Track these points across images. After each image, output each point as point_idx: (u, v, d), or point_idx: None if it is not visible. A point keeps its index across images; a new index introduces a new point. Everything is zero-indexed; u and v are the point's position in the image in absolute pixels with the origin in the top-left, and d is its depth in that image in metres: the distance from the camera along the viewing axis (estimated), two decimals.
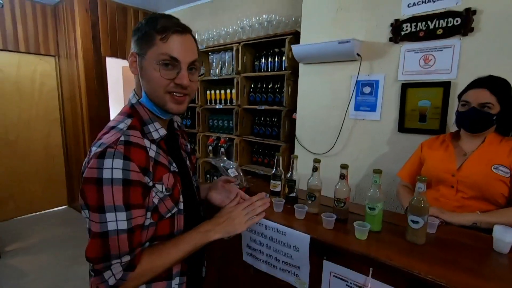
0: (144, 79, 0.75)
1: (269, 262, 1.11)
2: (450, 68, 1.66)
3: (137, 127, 0.74)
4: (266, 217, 1.13)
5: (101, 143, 0.68)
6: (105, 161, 0.64)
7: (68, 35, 3.37)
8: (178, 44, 0.72)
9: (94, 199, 0.64)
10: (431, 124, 1.75)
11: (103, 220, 0.64)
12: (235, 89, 2.82)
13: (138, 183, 0.67)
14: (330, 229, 1.05)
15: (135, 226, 0.67)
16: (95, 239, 0.65)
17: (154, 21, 0.72)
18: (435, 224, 1.04)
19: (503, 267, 0.86)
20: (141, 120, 0.76)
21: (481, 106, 1.16)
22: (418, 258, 0.87)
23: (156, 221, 0.74)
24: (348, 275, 0.91)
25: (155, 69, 0.71)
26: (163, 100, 0.74)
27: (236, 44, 2.74)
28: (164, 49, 0.71)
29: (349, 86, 2.06)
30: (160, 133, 0.78)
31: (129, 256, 0.67)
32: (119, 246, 0.65)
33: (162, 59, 0.71)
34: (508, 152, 1.16)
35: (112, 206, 0.64)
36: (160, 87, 0.73)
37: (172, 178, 0.77)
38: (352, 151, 2.09)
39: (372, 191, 1.02)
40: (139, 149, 0.70)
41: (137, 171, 0.67)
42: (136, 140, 0.70)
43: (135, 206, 0.67)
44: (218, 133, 3.09)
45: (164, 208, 0.75)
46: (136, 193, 0.67)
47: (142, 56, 0.73)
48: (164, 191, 0.74)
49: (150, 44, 0.71)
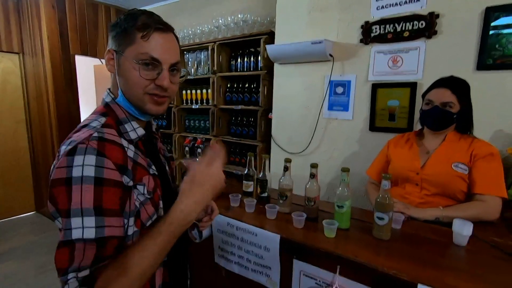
0: (122, 78, 0.69)
1: (241, 263, 1.10)
2: (416, 69, 1.73)
3: (113, 126, 0.68)
4: (238, 218, 1.13)
5: (71, 141, 0.61)
6: (75, 158, 0.57)
7: (33, 32, 3.18)
8: (159, 44, 0.68)
9: (64, 202, 0.56)
10: (400, 123, 1.82)
11: (68, 226, 0.55)
12: (211, 89, 2.79)
13: (113, 183, 0.59)
14: (300, 228, 1.06)
15: (107, 237, 0.57)
16: (60, 248, 0.56)
17: (134, 17, 0.68)
18: (400, 220, 1.08)
19: (460, 258, 0.90)
20: (116, 119, 0.70)
21: (443, 105, 1.22)
22: (384, 254, 0.90)
23: (140, 229, 0.66)
24: (317, 273, 0.92)
25: (134, 68, 0.67)
26: (142, 101, 0.70)
27: (211, 44, 2.71)
28: (145, 48, 0.66)
29: (322, 86, 2.09)
30: (138, 133, 0.72)
31: (89, 270, 0.56)
32: (83, 258, 0.56)
33: (142, 59, 0.66)
34: (466, 149, 1.23)
35: (79, 209, 0.56)
36: (139, 87, 0.68)
37: (152, 181, 0.70)
38: (326, 150, 2.12)
39: (340, 189, 1.04)
40: (115, 146, 0.63)
41: (112, 168, 0.60)
42: (111, 138, 0.64)
43: (109, 212, 0.58)
44: (195, 133, 3.05)
45: (145, 214, 0.68)
46: (110, 195, 0.59)
47: (120, 54, 0.68)
48: (145, 193, 0.67)
49: (129, 41, 0.67)
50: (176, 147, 3.16)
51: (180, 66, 0.74)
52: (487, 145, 1.24)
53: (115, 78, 0.72)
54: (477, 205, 1.15)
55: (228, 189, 1.45)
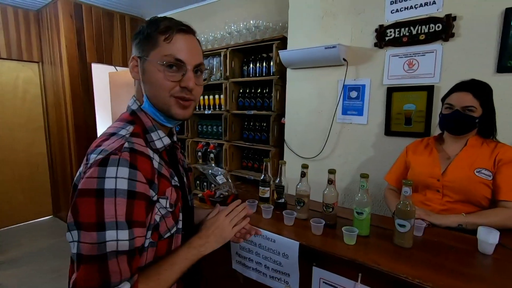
0: (147, 83, 0.69)
1: (259, 270, 1.09)
2: (433, 72, 1.70)
3: (140, 135, 0.67)
4: (255, 224, 1.13)
5: (102, 149, 0.60)
6: (108, 169, 0.56)
7: (52, 41, 3.30)
8: (182, 45, 0.68)
9: (92, 214, 0.54)
10: (416, 127, 1.79)
11: (101, 239, 0.54)
12: (223, 95, 2.81)
13: (143, 196, 0.60)
14: (319, 234, 1.05)
15: (136, 248, 0.59)
16: (89, 264, 0.54)
17: (155, 23, 0.69)
18: (422, 227, 1.05)
19: (487, 268, 0.87)
20: (143, 127, 0.70)
21: (464, 109, 1.18)
22: (406, 262, 0.88)
23: (156, 241, 0.67)
24: (338, 281, 0.91)
25: (159, 70, 0.67)
26: (167, 105, 0.69)
27: (224, 50, 2.74)
28: (169, 50, 0.66)
29: (336, 91, 2.08)
30: (164, 142, 0.72)
31: (129, 283, 0.57)
32: (120, 272, 0.55)
33: (166, 61, 0.66)
34: (489, 155, 1.19)
35: (114, 222, 0.55)
36: (164, 90, 0.68)
37: (174, 192, 0.71)
38: (340, 154, 2.10)
39: (359, 195, 1.03)
40: (145, 158, 0.63)
41: (143, 182, 0.60)
42: (140, 149, 0.64)
43: (138, 223, 0.59)
44: (207, 138, 3.07)
45: (165, 226, 0.68)
46: (140, 208, 0.59)
47: (144, 59, 0.68)
48: (167, 206, 0.68)
49: (152, 45, 0.67)
50: (189, 152, 3.19)
51: (203, 67, 0.74)
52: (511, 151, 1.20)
53: (139, 85, 0.72)
54: (501, 212, 1.11)
55: (244, 194, 1.45)
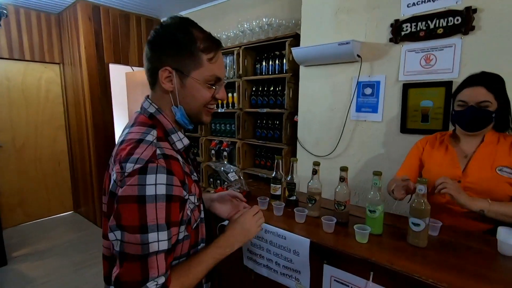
0: (186, 97, 0.73)
1: (270, 267, 1.10)
2: (452, 67, 1.64)
3: (163, 138, 0.71)
4: (266, 220, 1.13)
5: (137, 158, 0.63)
6: (148, 177, 0.61)
7: (72, 43, 3.42)
8: (222, 64, 0.75)
9: (135, 218, 0.60)
10: (434, 124, 1.73)
11: (145, 241, 0.60)
12: (236, 93, 2.83)
13: (178, 198, 0.65)
14: (331, 232, 1.04)
15: (173, 246, 0.66)
16: (133, 263, 0.60)
17: (190, 34, 0.70)
18: (438, 227, 1.02)
19: (508, 270, 0.84)
20: (164, 130, 0.74)
21: (479, 104, 1.12)
22: (420, 262, 0.86)
23: (190, 233, 0.73)
24: (349, 279, 0.90)
25: (203, 87, 0.73)
26: (200, 113, 0.75)
27: (237, 48, 2.75)
28: (212, 71, 0.72)
29: (350, 88, 2.05)
30: (184, 143, 0.76)
31: (164, 277, 0.63)
32: (158, 268, 0.62)
33: (209, 80, 0.73)
34: (508, 151, 1.13)
35: (156, 225, 0.61)
36: (202, 103, 0.74)
37: (197, 187, 0.76)
38: (354, 152, 2.07)
39: (372, 193, 1.01)
40: (176, 162, 0.67)
41: (178, 185, 0.65)
42: (170, 153, 0.68)
43: (174, 223, 0.65)
44: (221, 136, 3.10)
45: (194, 219, 0.74)
46: (176, 209, 0.65)
47: (184, 74, 0.71)
48: (195, 202, 0.74)
49: (196, 64, 0.70)
50: (203, 150, 3.23)
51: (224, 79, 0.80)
52: None
53: (166, 94, 0.73)
54: None
55: (256, 192, 1.46)
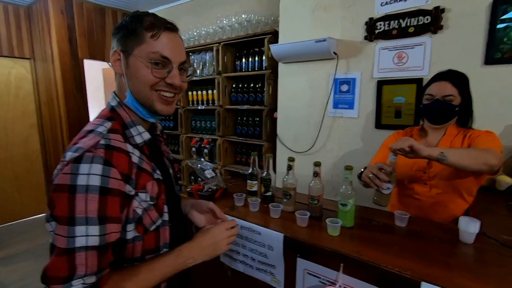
0: (131, 78, 0.70)
1: (246, 262, 1.11)
2: (422, 65, 1.71)
3: (119, 131, 0.68)
4: (242, 217, 1.14)
5: (77, 147, 0.61)
6: (81, 166, 0.58)
7: (43, 38, 3.27)
8: (169, 43, 0.69)
9: (64, 209, 0.57)
10: (406, 120, 1.79)
11: (71, 234, 0.57)
12: (216, 90, 2.81)
13: (117, 193, 0.61)
14: (305, 226, 1.06)
15: (108, 243, 0.61)
16: (59, 257, 0.57)
17: (140, 18, 0.69)
18: (406, 218, 1.06)
19: (467, 257, 0.89)
20: (122, 123, 0.71)
21: (444, 97, 1.19)
22: (388, 252, 0.89)
23: (142, 234, 0.69)
24: (321, 272, 0.92)
25: (147, 66, 0.68)
26: (151, 100, 0.70)
27: (216, 44, 2.73)
28: (155, 47, 0.67)
29: (327, 84, 2.08)
30: (143, 137, 0.72)
31: (95, 277, 0.59)
32: (86, 265, 0.57)
33: (152, 58, 0.67)
34: (461, 142, 1.21)
35: (84, 218, 0.57)
36: (148, 85, 0.69)
37: (156, 186, 0.72)
38: (332, 148, 2.11)
39: (343, 187, 1.04)
40: (122, 154, 0.64)
41: (118, 178, 0.61)
42: (117, 144, 0.65)
43: (111, 219, 0.61)
44: (201, 134, 3.07)
45: (149, 219, 0.69)
46: (114, 204, 0.61)
47: (128, 53, 0.68)
48: (148, 200, 0.69)
49: (138, 41, 0.68)
50: (183, 147, 3.20)
51: (187, 65, 0.76)
52: (481, 130, 1.23)
53: (121, 80, 0.72)
54: (480, 148, 1.10)
55: (233, 188, 1.46)
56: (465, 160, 1.04)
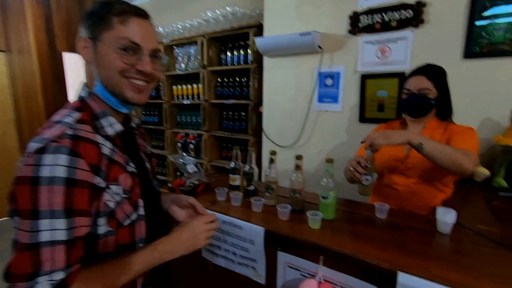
0: (100, 66, 0.67)
1: (227, 257, 1.09)
2: (405, 59, 1.72)
3: (88, 122, 0.65)
4: (224, 211, 1.12)
5: (41, 138, 0.58)
6: (45, 157, 0.55)
7: (19, 29, 3.12)
8: (139, 29, 0.67)
9: (27, 202, 0.54)
10: (388, 113, 1.81)
11: (35, 228, 0.54)
12: (201, 84, 2.76)
13: (85, 184, 0.58)
14: (286, 220, 1.05)
15: (76, 238, 0.57)
16: (23, 252, 0.54)
17: (110, 4, 0.66)
18: (386, 210, 1.07)
19: (444, 247, 0.90)
20: (92, 114, 0.67)
21: (420, 91, 1.24)
22: (368, 243, 0.89)
23: (115, 229, 0.66)
24: (301, 265, 0.92)
25: (115, 52, 0.65)
26: (121, 87, 0.68)
27: (200, 37, 2.68)
28: (124, 33, 0.65)
29: (312, 78, 2.08)
30: (115, 129, 0.69)
31: (63, 273, 0.56)
32: (52, 261, 0.54)
33: (121, 43, 0.65)
34: (442, 134, 1.25)
35: (49, 211, 0.54)
36: (117, 71, 0.66)
37: (129, 179, 0.69)
38: (317, 142, 2.12)
39: (324, 180, 1.04)
40: (90, 144, 0.61)
41: (86, 169, 0.58)
42: (86, 135, 0.61)
43: (79, 212, 0.58)
44: (187, 129, 3.03)
45: (122, 213, 0.66)
46: (82, 196, 0.58)
47: (96, 40, 0.66)
48: (121, 193, 0.66)
49: (106, 27, 0.65)
50: (168, 143, 3.14)
51: (160, 54, 0.73)
52: (462, 125, 1.27)
53: (90, 68, 0.70)
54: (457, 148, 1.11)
55: (216, 183, 1.44)
56: (441, 156, 1.06)
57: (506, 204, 1.27)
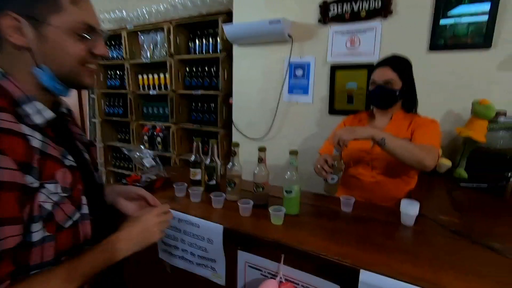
0: (48, 53, 0.58)
1: (185, 258, 1.01)
2: (373, 50, 1.70)
3: (7, 109, 0.53)
4: (182, 208, 1.04)
5: None
6: None
7: None
8: (90, 8, 0.61)
9: None
10: (357, 105, 1.80)
11: None
12: (168, 73, 2.61)
13: (13, 186, 0.49)
14: (248, 216, 0.99)
15: (5, 251, 0.48)
16: None
17: None
18: (351, 203, 1.04)
19: (407, 240, 0.88)
20: (11, 99, 0.55)
21: (385, 83, 1.23)
22: (331, 239, 0.85)
23: (54, 233, 0.56)
24: (262, 264, 0.86)
25: (72, 39, 0.58)
26: (78, 75, 0.61)
27: (167, 24, 2.52)
28: (80, 16, 0.58)
29: (282, 69, 2.02)
30: (45, 116, 0.58)
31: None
32: None
33: (79, 29, 0.58)
34: (407, 126, 1.25)
35: None
36: (76, 60, 0.60)
37: (69, 174, 0.59)
38: (287, 134, 2.07)
39: (288, 173, 0.98)
40: (14, 137, 0.51)
41: (13, 168, 0.49)
42: (8, 126, 0.51)
43: (7, 221, 0.48)
44: (154, 121, 2.87)
45: (62, 215, 0.57)
46: (9, 201, 0.48)
47: (41, 23, 0.55)
48: (59, 192, 0.56)
49: (55, 9, 0.55)
50: (134, 136, 2.97)
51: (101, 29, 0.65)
52: (427, 118, 1.28)
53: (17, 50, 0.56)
54: (419, 145, 1.12)
55: (177, 178, 1.34)
56: (402, 152, 1.07)
57: (467, 195, 1.29)
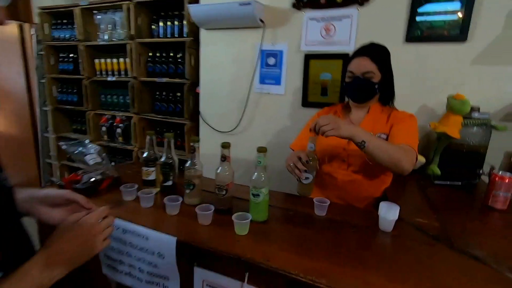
0: None
1: (133, 274, 0.85)
2: (349, 39, 1.61)
3: None
4: (130, 216, 0.87)
5: None
6: None
7: None
8: None
9: None
10: (332, 97, 1.70)
11: None
12: (129, 58, 2.35)
13: None
14: (208, 224, 0.84)
15: None
16: None
17: None
18: (325, 206, 0.94)
19: (385, 248, 0.79)
20: None
21: (363, 75, 1.13)
22: (302, 252, 0.73)
23: None
24: (223, 283, 0.73)
25: None
26: None
27: (127, 3, 2.25)
28: None
29: (253, 56, 1.87)
30: None
31: None
32: None
33: None
34: (386, 120, 1.18)
35: None
36: None
37: None
38: (258, 128, 1.94)
39: (256, 174, 0.85)
40: None
41: None
42: None
43: None
44: (113, 111, 2.60)
45: None
46: None
47: None
48: None
49: None
50: (91, 127, 2.67)
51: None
52: (405, 112, 1.21)
53: None
54: (398, 146, 1.05)
55: (131, 177, 1.16)
56: (382, 155, 0.98)
57: (441, 193, 1.25)
